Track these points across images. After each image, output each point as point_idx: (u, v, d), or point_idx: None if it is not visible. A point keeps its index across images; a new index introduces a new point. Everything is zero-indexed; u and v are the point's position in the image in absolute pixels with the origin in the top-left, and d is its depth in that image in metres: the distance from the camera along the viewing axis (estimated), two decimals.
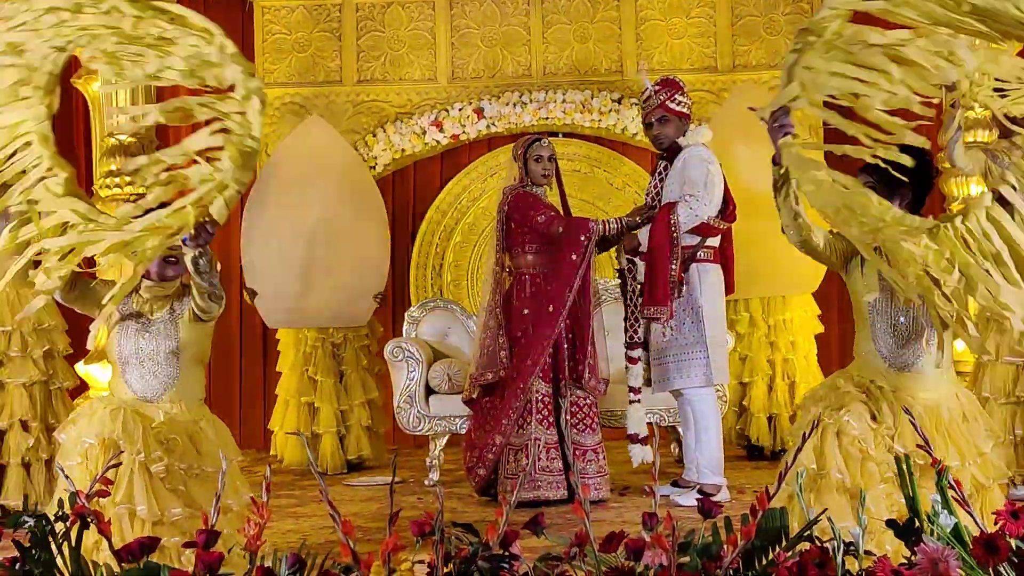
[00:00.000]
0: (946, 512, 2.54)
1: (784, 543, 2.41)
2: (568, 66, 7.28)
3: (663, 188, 5.17)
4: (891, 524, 2.56)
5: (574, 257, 5.11)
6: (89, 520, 2.52)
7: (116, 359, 3.68)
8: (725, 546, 2.36)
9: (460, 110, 7.17)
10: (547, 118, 7.15)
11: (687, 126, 5.19)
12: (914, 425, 2.87)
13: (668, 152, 5.20)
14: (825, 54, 2.88)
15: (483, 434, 5.18)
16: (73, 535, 2.55)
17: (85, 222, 3.17)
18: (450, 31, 7.31)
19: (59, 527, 2.58)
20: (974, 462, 3.21)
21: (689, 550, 2.38)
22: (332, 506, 2.42)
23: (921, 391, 3.27)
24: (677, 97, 5.15)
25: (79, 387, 5.63)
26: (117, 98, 6.04)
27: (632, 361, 5.19)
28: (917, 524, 2.51)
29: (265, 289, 6.29)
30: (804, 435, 2.79)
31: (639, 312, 5.12)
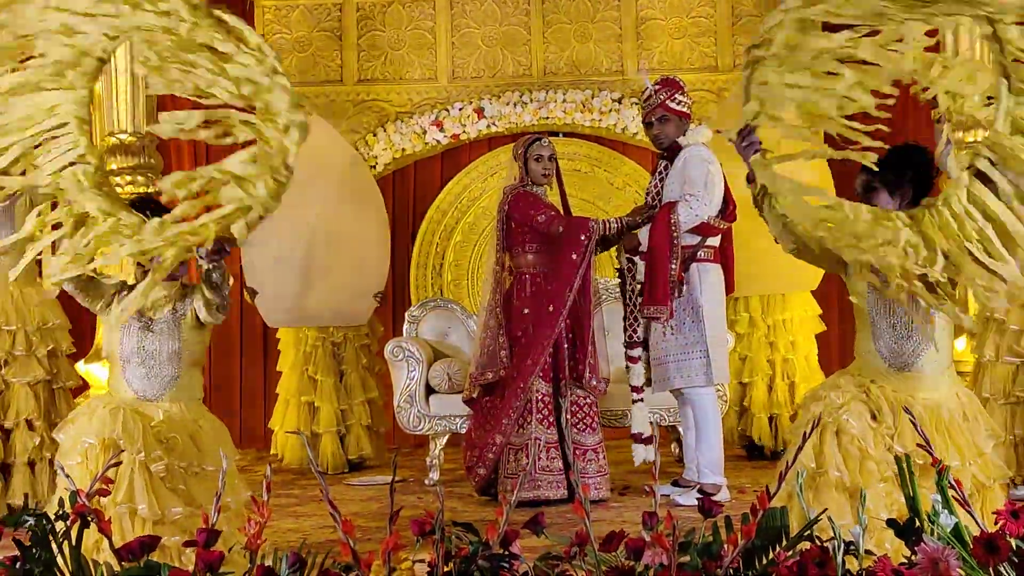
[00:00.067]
0: (946, 512, 2.54)
1: (784, 542, 2.41)
2: (568, 65, 7.28)
3: (663, 188, 5.17)
4: (892, 524, 2.57)
5: (574, 257, 5.11)
6: (89, 519, 2.52)
7: (117, 357, 3.67)
8: (725, 545, 2.37)
9: (460, 110, 7.17)
10: (547, 118, 7.14)
11: (687, 126, 5.19)
12: (914, 425, 2.87)
13: (668, 152, 5.20)
14: (778, 67, 2.88)
15: (483, 433, 5.17)
16: (73, 534, 2.55)
17: (105, 218, 3.16)
18: (450, 30, 7.30)
19: (60, 526, 2.59)
20: (974, 462, 3.21)
21: (689, 549, 2.38)
22: (332, 505, 2.42)
23: (921, 391, 3.27)
24: (677, 96, 5.14)
25: (81, 387, 5.63)
26: (117, 99, 6.05)
27: (632, 360, 5.19)
28: (917, 524, 2.51)
29: (265, 288, 6.28)
30: (804, 434, 2.79)
31: (639, 311, 5.12)
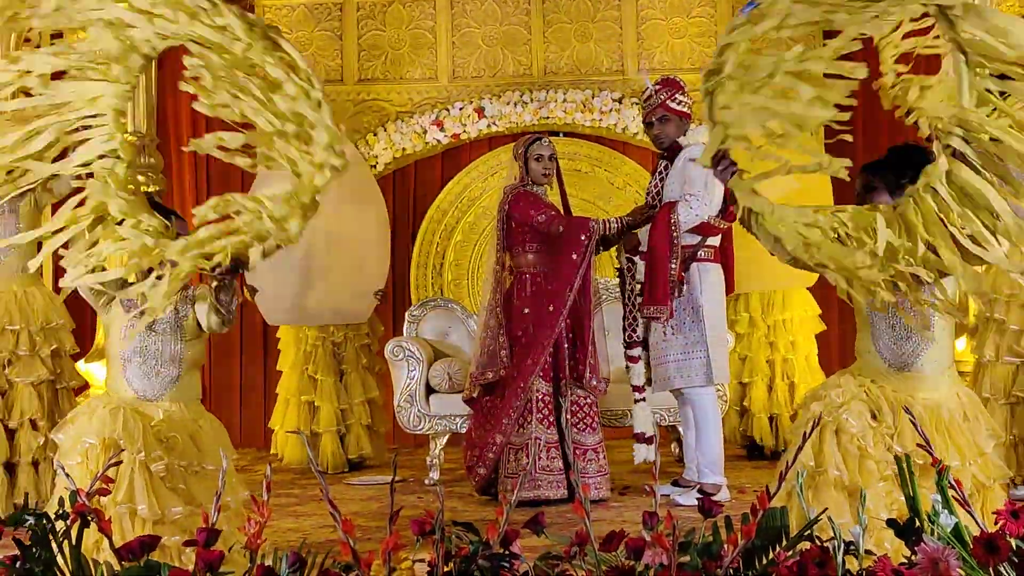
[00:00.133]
0: (946, 512, 2.54)
1: (784, 542, 2.41)
2: (569, 65, 7.29)
3: (664, 188, 5.17)
4: (892, 523, 2.57)
5: (574, 256, 5.11)
6: (90, 519, 2.52)
7: (117, 357, 3.66)
8: (725, 545, 2.36)
9: (461, 109, 7.18)
10: (548, 117, 7.15)
11: (688, 126, 5.19)
12: (914, 424, 2.87)
13: (669, 151, 5.20)
14: (737, 91, 2.88)
15: (483, 433, 5.17)
16: (74, 534, 2.55)
17: (127, 220, 3.16)
18: (451, 30, 7.31)
19: (60, 526, 2.58)
20: (974, 462, 3.21)
21: (689, 549, 2.38)
22: (332, 505, 2.42)
23: (921, 391, 3.27)
24: (678, 96, 5.15)
25: (84, 386, 5.63)
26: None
27: (632, 360, 5.19)
28: (917, 524, 2.51)
29: (265, 287, 6.28)
30: (804, 434, 2.79)
31: (638, 311, 5.12)
